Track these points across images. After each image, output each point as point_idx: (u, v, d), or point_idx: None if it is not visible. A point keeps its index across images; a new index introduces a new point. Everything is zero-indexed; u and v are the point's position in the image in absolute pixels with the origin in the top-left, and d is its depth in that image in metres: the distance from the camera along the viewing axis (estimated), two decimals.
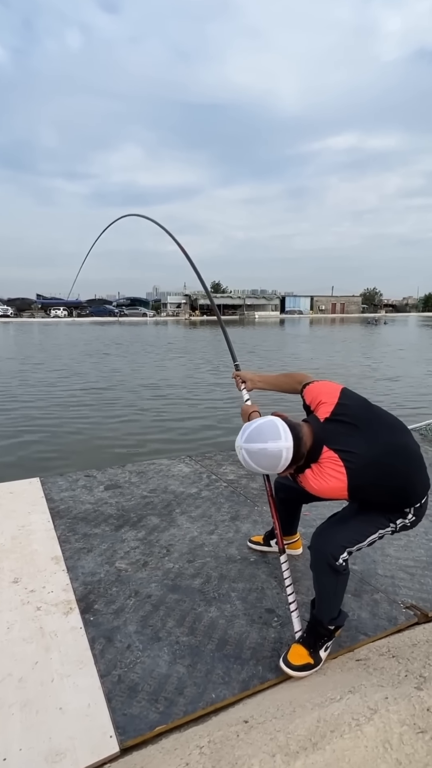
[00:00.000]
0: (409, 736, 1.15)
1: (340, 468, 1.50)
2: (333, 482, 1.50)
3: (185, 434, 7.34)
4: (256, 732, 1.25)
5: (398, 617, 1.99)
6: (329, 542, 1.64)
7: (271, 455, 1.52)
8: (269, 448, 1.52)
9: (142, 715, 1.51)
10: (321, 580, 1.69)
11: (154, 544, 2.60)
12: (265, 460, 1.53)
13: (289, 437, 1.53)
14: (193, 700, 1.56)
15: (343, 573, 1.65)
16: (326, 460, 1.52)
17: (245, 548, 2.55)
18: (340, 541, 1.64)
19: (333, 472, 1.50)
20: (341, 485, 1.49)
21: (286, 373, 2.04)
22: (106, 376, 13.14)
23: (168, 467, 3.87)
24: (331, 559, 1.61)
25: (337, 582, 1.67)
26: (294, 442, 1.52)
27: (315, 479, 1.52)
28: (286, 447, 1.51)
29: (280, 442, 1.52)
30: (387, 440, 1.61)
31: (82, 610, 2.02)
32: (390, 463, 1.57)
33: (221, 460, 4.07)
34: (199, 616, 1.98)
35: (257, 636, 1.87)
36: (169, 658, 1.75)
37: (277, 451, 1.51)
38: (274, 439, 1.53)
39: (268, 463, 1.54)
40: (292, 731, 1.20)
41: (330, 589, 1.69)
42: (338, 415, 1.61)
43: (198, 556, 2.47)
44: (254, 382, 2.20)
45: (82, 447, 6.53)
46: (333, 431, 1.58)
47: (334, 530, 1.70)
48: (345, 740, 1.14)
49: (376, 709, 1.23)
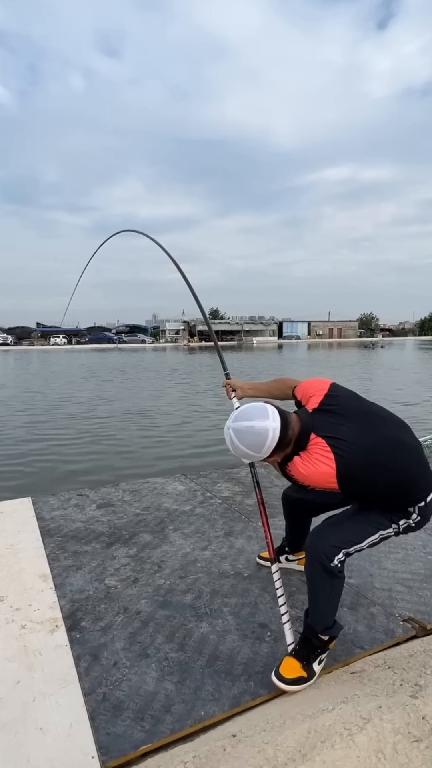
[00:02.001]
0: (403, 745, 1.09)
1: (328, 454, 1.46)
2: (321, 467, 1.45)
3: (181, 454, 7.27)
4: (243, 746, 1.18)
5: (395, 630, 1.92)
6: (323, 542, 1.59)
7: (257, 433, 1.51)
8: (256, 426, 1.51)
9: (126, 735, 1.43)
10: (315, 583, 1.62)
11: (146, 560, 2.53)
12: (251, 438, 1.52)
13: (276, 419, 1.52)
14: (180, 718, 1.48)
15: (338, 576, 1.58)
16: (314, 446, 1.49)
17: (239, 564, 2.48)
18: (335, 541, 1.58)
19: (321, 458, 1.46)
20: (329, 470, 1.45)
21: (277, 379, 2.02)
22: (103, 399, 13.11)
23: (162, 485, 3.82)
24: (325, 560, 1.54)
25: (331, 586, 1.59)
26: (281, 425, 1.51)
27: (303, 465, 1.49)
28: (273, 427, 1.50)
29: (267, 421, 1.51)
30: (379, 432, 1.56)
31: (69, 628, 1.95)
32: (384, 455, 1.52)
33: (216, 477, 4.01)
34: (189, 632, 1.91)
35: (249, 651, 1.79)
36: (157, 675, 1.67)
37: (264, 429, 1.50)
38: (261, 418, 1.53)
39: (253, 442, 1.52)
40: (281, 743, 1.14)
41: (324, 594, 1.61)
42: (327, 405, 1.60)
43: (190, 572, 2.40)
44: (245, 390, 2.15)
45: (76, 468, 6.45)
46: (321, 419, 1.56)
47: (330, 530, 1.64)
48: (336, 750, 1.07)
49: (369, 718, 1.17)
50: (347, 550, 1.58)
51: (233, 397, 2.17)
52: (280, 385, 1.95)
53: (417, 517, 1.62)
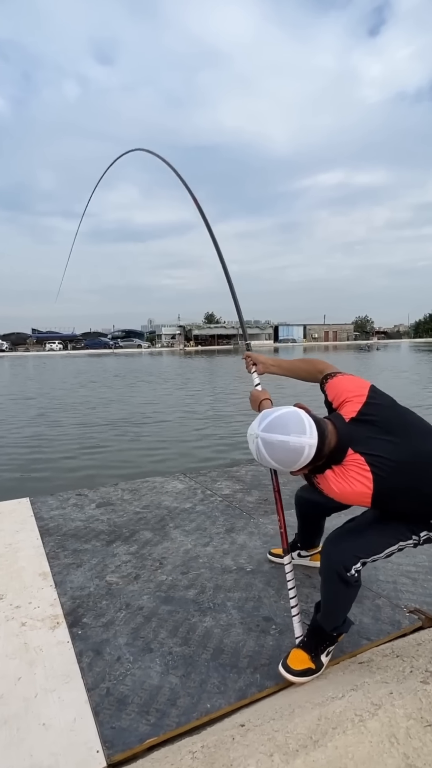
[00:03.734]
0: (416, 729, 1.07)
1: (366, 473, 1.33)
2: (358, 486, 1.33)
3: (180, 454, 7.24)
4: (253, 734, 1.16)
5: (402, 621, 1.89)
6: (342, 551, 1.50)
7: (292, 450, 1.34)
8: (291, 442, 1.34)
9: (131, 728, 1.40)
10: (329, 589, 1.54)
11: (147, 557, 2.50)
12: (283, 454, 1.36)
13: (314, 434, 1.35)
14: (186, 711, 1.45)
15: (354, 585, 1.51)
16: (351, 463, 1.36)
17: (241, 559, 2.45)
18: (354, 550, 1.48)
19: (359, 476, 1.34)
20: (366, 491, 1.33)
21: (305, 359, 1.84)
22: (100, 401, 13.06)
23: (162, 484, 3.79)
24: (342, 569, 1.46)
25: (346, 594, 1.53)
26: (318, 440, 1.35)
27: (337, 482, 1.36)
28: (309, 444, 1.34)
29: (304, 437, 1.34)
30: (417, 446, 1.42)
31: (70, 624, 1.91)
32: (423, 474, 1.40)
33: (216, 476, 3.98)
34: (193, 627, 1.88)
35: (254, 644, 1.77)
36: (161, 669, 1.64)
37: (300, 446, 1.34)
38: (298, 432, 1.35)
39: (285, 458, 1.37)
40: (292, 730, 1.11)
41: (337, 600, 1.55)
42: (366, 415, 1.44)
43: (192, 567, 2.38)
44: (267, 365, 1.96)
45: (75, 468, 6.40)
46: (359, 432, 1.41)
47: (349, 538, 1.54)
48: (348, 736, 1.05)
49: (381, 704, 1.15)
50: (366, 560, 1.49)
51: (253, 371, 2.00)
52: (309, 367, 1.79)
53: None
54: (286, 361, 1.92)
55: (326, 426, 1.40)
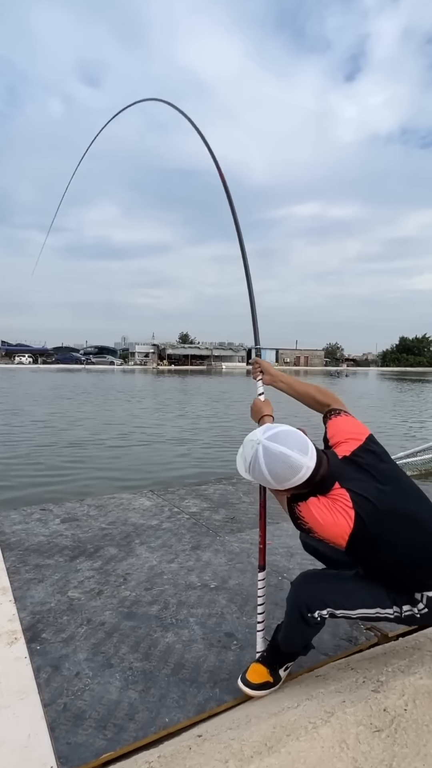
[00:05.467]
0: (365, 735, 1.12)
1: (349, 509, 1.32)
2: (340, 519, 1.31)
3: (148, 471, 7.17)
4: (209, 744, 1.18)
5: (359, 638, 1.95)
6: (312, 591, 1.47)
7: (290, 466, 1.33)
8: (293, 457, 1.32)
9: (87, 743, 1.38)
10: (289, 621, 1.52)
11: (111, 573, 2.48)
12: (280, 467, 1.33)
13: (314, 458, 1.35)
14: (144, 725, 1.45)
15: (313, 626, 1.49)
16: (336, 496, 1.35)
17: (206, 576, 2.47)
18: (324, 596, 1.45)
19: (342, 511, 1.32)
20: (345, 527, 1.31)
21: (321, 389, 1.78)
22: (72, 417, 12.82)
23: (129, 501, 3.76)
24: (305, 609, 1.44)
25: (304, 630, 1.51)
26: (315, 466, 1.34)
27: (320, 510, 1.33)
28: (308, 465, 1.33)
29: (305, 458, 1.33)
30: (403, 503, 1.41)
31: (29, 640, 1.87)
32: (402, 529, 1.37)
33: (184, 494, 3.99)
34: (155, 642, 1.88)
35: (215, 659, 1.78)
36: (120, 684, 1.63)
37: (298, 465, 1.32)
38: (301, 451, 1.34)
39: (280, 472, 1.34)
40: (247, 738, 1.14)
41: (295, 632, 1.53)
42: (359, 457, 1.44)
43: (156, 584, 2.37)
44: (275, 379, 1.88)
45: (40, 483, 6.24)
46: (349, 471, 1.41)
47: (324, 582, 1.53)
48: (301, 742, 1.09)
49: (333, 712, 1.20)
50: (333, 610, 1.45)
51: (259, 379, 1.92)
52: (318, 396, 1.75)
53: (424, 609, 1.44)
54: (298, 382, 1.87)
55: (323, 457, 1.39)
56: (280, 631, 1.64)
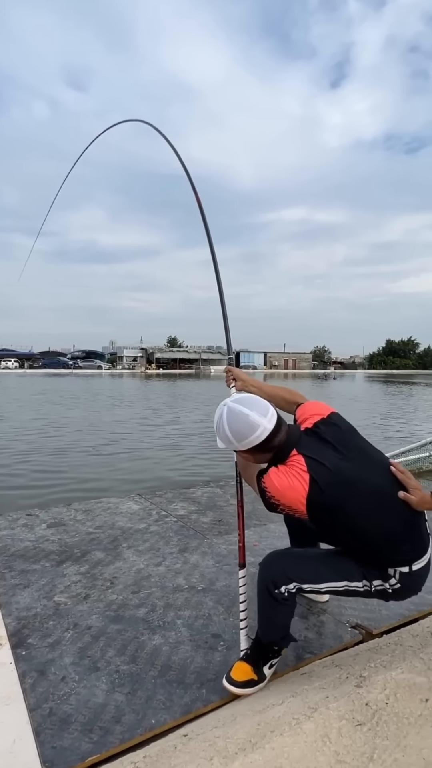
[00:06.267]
0: (347, 729, 1.14)
1: (303, 473, 1.39)
2: (294, 482, 1.38)
3: (136, 475, 7.15)
4: (194, 742, 1.19)
5: (344, 636, 1.98)
6: (277, 567, 1.53)
7: (248, 424, 1.44)
8: (251, 416, 1.45)
9: (73, 747, 1.38)
10: (260, 601, 1.58)
11: (98, 577, 2.47)
12: (239, 425, 1.45)
13: (273, 421, 1.47)
14: (131, 728, 1.45)
15: (282, 603, 1.52)
16: (292, 461, 1.43)
17: (193, 578, 2.48)
18: (289, 571, 1.51)
19: (297, 475, 1.39)
20: (301, 489, 1.37)
21: (288, 389, 1.88)
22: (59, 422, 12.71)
23: (116, 505, 3.75)
24: (271, 585, 1.50)
25: (275, 609, 1.54)
26: (274, 428, 1.45)
27: (277, 476, 1.42)
28: (265, 426, 1.44)
29: (263, 419, 1.46)
30: (365, 475, 1.45)
31: (14, 645, 1.86)
32: (365, 499, 1.41)
33: (172, 497, 3.99)
34: (141, 645, 1.88)
35: (202, 660, 1.79)
36: (107, 687, 1.63)
37: (256, 423, 1.44)
38: (260, 413, 1.47)
39: (238, 430, 1.45)
40: (232, 736, 1.15)
41: (267, 613, 1.57)
42: (320, 429, 1.52)
43: (143, 587, 2.37)
44: (246, 384, 1.95)
45: (25, 487, 6.18)
46: (308, 440, 1.49)
47: (289, 558, 1.59)
48: (284, 738, 1.11)
49: (316, 707, 1.22)
50: (298, 584, 1.50)
51: (232, 386, 2.00)
52: (287, 396, 1.84)
53: (396, 584, 1.47)
54: (267, 385, 1.95)
55: (284, 424, 1.51)
56: None
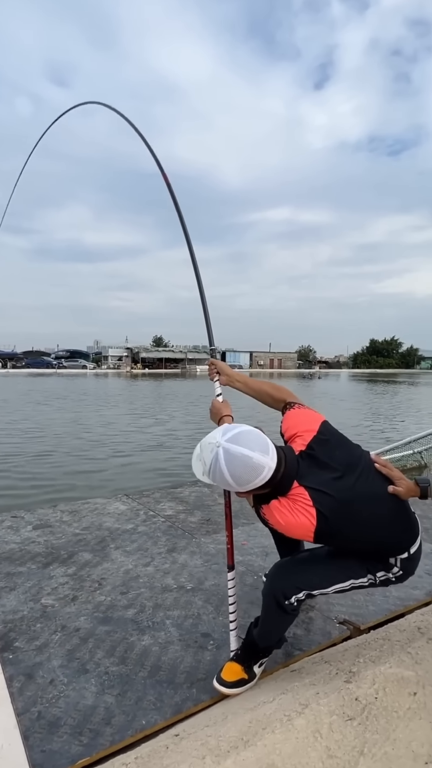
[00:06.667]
0: (338, 724, 1.15)
1: (310, 508, 1.34)
2: (302, 519, 1.33)
3: (123, 476, 7.11)
4: (186, 742, 1.19)
5: (332, 632, 2.00)
6: (285, 579, 1.51)
7: (252, 467, 1.31)
8: (254, 458, 1.31)
9: (63, 750, 1.37)
10: (267, 612, 1.56)
11: (85, 578, 2.45)
12: (241, 469, 1.32)
13: (275, 457, 1.35)
14: (121, 729, 1.44)
15: (290, 613, 1.52)
16: (296, 496, 1.36)
17: (182, 578, 2.47)
18: (298, 581, 1.49)
19: (303, 510, 1.34)
20: (309, 525, 1.34)
21: (275, 385, 1.81)
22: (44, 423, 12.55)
23: (103, 506, 3.72)
24: (281, 597, 1.47)
25: (282, 619, 1.56)
26: (276, 466, 1.35)
27: (282, 513, 1.36)
28: (269, 466, 1.33)
29: (266, 458, 1.33)
30: (363, 488, 1.43)
31: (0, 649, 1.83)
32: (365, 513, 1.41)
33: (159, 497, 3.98)
34: (131, 646, 1.87)
35: (192, 660, 1.79)
36: (96, 689, 1.62)
37: (260, 466, 1.31)
38: (262, 452, 1.33)
39: (242, 474, 1.33)
40: (224, 734, 1.16)
41: (273, 623, 1.58)
42: (314, 450, 1.46)
43: (132, 587, 2.36)
44: (232, 379, 1.89)
45: (11, 487, 6.09)
46: (306, 466, 1.43)
47: (297, 568, 1.56)
48: (276, 735, 1.11)
49: (307, 704, 1.23)
50: (307, 591, 1.49)
51: (216, 380, 1.93)
52: (276, 393, 1.77)
53: (399, 571, 1.51)
54: (253, 380, 1.88)
55: (282, 456, 1.39)
56: (255, 628, 1.66)
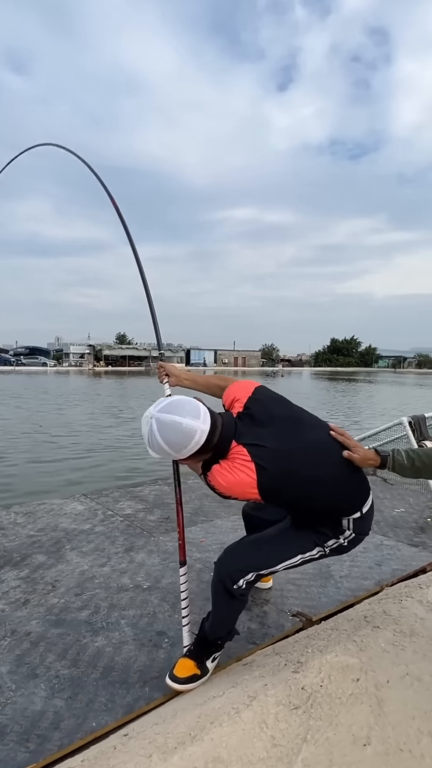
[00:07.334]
0: (284, 713, 1.18)
1: (248, 463, 1.37)
2: (242, 476, 1.36)
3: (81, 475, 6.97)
4: (134, 741, 1.18)
5: (285, 624, 2.04)
6: (232, 562, 1.54)
7: (184, 432, 1.37)
8: (184, 423, 1.37)
9: (8, 758, 1.33)
10: (215, 599, 1.60)
11: (38, 581, 2.39)
12: (174, 435, 1.37)
13: (207, 420, 1.40)
14: (70, 733, 1.42)
15: (239, 598, 1.55)
16: (235, 455, 1.40)
17: (139, 577, 2.45)
18: (244, 563, 1.52)
19: (242, 467, 1.37)
20: (249, 480, 1.36)
21: (220, 376, 1.86)
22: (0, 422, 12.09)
23: (60, 506, 3.63)
24: (229, 581, 1.50)
25: (229, 606, 1.58)
26: (210, 428, 1.40)
27: (222, 474, 1.39)
28: (201, 429, 1.38)
29: (197, 422, 1.38)
30: (303, 440, 1.47)
31: None
32: (307, 464, 1.44)
33: (118, 496, 3.93)
34: (84, 647, 1.84)
35: (146, 659, 1.78)
36: (45, 694, 1.58)
37: (191, 430, 1.37)
38: (192, 416, 1.39)
39: (175, 440, 1.38)
40: (172, 731, 1.16)
41: (222, 611, 1.61)
42: (250, 409, 1.50)
43: (87, 588, 2.32)
44: (180, 378, 1.92)
45: None
46: (243, 426, 1.46)
47: (242, 550, 1.59)
48: (223, 728, 1.13)
49: (255, 695, 1.25)
50: (256, 572, 1.52)
51: (165, 382, 1.94)
52: (221, 383, 1.79)
53: (350, 534, 1.54)
54: (201, 376, 1.92)
55: (218, 418, 1.45)
56: (206, 622, 1.68)
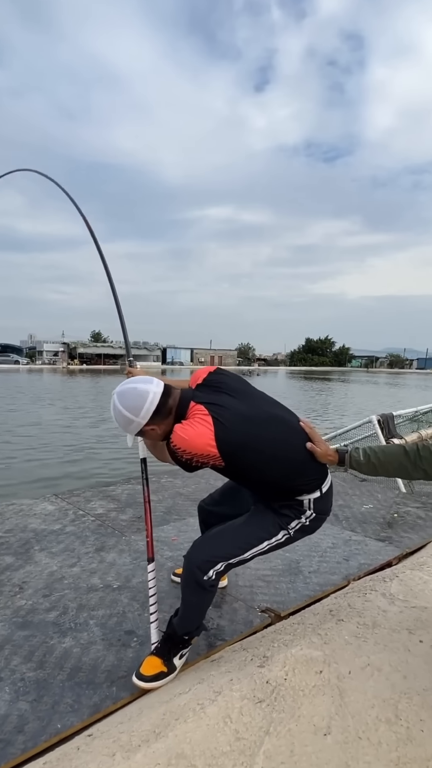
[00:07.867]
0: (248, 707, 1.19)
1: (206, 417, 1.45)
2: (199, 428, 1.43)
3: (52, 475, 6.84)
4: (98, 741, 1.18)
5: (254, 620, 2.06)
6: (199, 553, 1.58)
7: (138, 394, 1.52)
8: (138, 387, 1.54)
9: None
10: (185, 593, 1.62)
11: (5, 583, 2.34)
12: (131, 399, 1.52)
13: (160, 385, 1.55)
14: (34, 735, 1.40)
15: (208, 590, 1.58)
16: (194, 411, 1.49)
17: (109, 577, 2.43)
18: (212, 554, 1.56)
19: (200, 421, 1.45)
20: (207, 432, 1.42)
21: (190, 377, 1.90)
22: None
23: (30, 507, 3.56)
24: (199, 573, 1.54)
25: (199, 598, 1.61)
26: (163, 391, 1.54)
27: (182, 428, 1.45)
28: (154, 391, 1.53)
29: (151, 386, 1.54)
30: (267, 410, 1.58)
31: None
32: (265, 429, 1.52)
33: (90, 496, 3.88)
34: (50, 649, 1.81)
35: (114, 658, 1.77)
36: (9, 698, 1.55)
37: (145, 391, 1.52)
38: (145, 382, 1.56)
39: (133, 404, 1.52)
40: (136, 729, 1.16)
41: (192, 604, 1.63)
42: (209, 381, 1.62)
43: (56, 589, 2.29)
44: None
45: None
46: (202, 391, 1.58)
47: (210, 542, 1.63)
48: (188, 724, 1.14)
49: (221, 690, 1.26)
50: (224, 562, 1.56)
51: None
52: (190, 381, 1.82)
53: (311, 514, 1.60)
54: (169, 380, 1.95)
55: (173, 388, 1.59)
56: (175, 618, 1.69)
